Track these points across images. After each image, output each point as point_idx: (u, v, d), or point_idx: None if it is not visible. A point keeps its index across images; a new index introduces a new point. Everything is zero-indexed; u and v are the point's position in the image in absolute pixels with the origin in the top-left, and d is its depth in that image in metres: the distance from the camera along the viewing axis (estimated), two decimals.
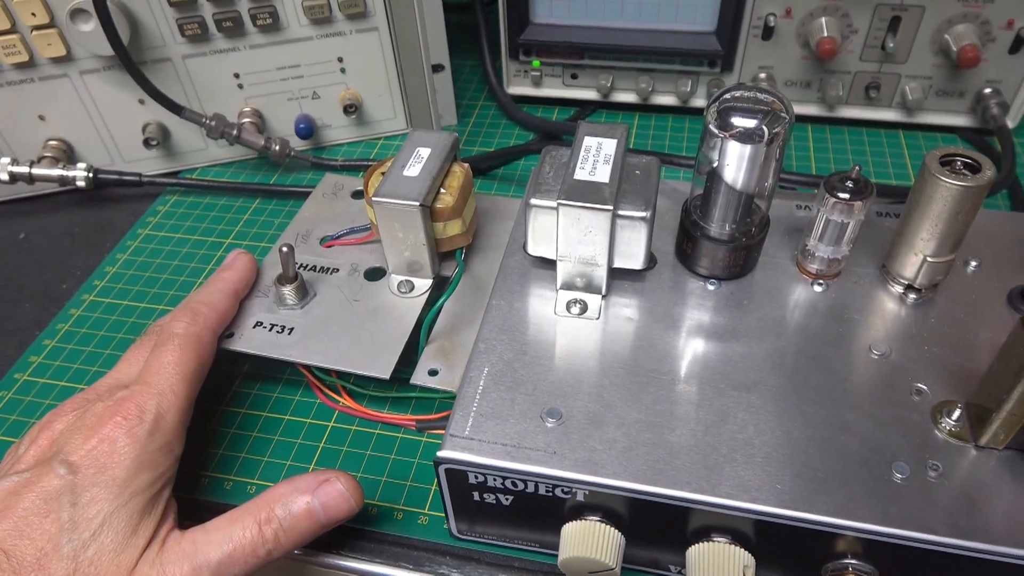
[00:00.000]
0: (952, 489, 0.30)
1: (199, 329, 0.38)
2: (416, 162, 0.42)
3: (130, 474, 0.32)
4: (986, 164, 0.34)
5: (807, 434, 0.32)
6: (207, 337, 0.39)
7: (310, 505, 0.33)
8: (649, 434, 0.32)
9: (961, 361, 0.35)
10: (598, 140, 0.39)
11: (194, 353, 0.37)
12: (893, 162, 0.59)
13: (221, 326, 0.40)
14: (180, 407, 0.35)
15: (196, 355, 0.37)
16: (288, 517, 0.33)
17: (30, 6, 0.50)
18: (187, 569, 0.31)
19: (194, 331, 0.38)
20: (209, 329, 0.39)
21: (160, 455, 0.33)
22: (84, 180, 0.56)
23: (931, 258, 0.36)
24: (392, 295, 0.43)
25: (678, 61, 0.61)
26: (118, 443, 0.32)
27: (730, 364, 0.35)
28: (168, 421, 0.34)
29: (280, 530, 0.33)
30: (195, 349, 0.37)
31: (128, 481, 0.32)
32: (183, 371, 0.36)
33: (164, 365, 0.36)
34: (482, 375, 0.35)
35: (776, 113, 0.34)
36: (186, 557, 0.32)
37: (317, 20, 0.55)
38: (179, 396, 0.35)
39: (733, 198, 0.36)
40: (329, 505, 0.34)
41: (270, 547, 0.33)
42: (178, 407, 0.35)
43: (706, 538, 0.32)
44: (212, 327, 0.39)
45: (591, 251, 0.37)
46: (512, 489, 0.33)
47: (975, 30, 0.54)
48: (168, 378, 0.35)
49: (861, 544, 0.30)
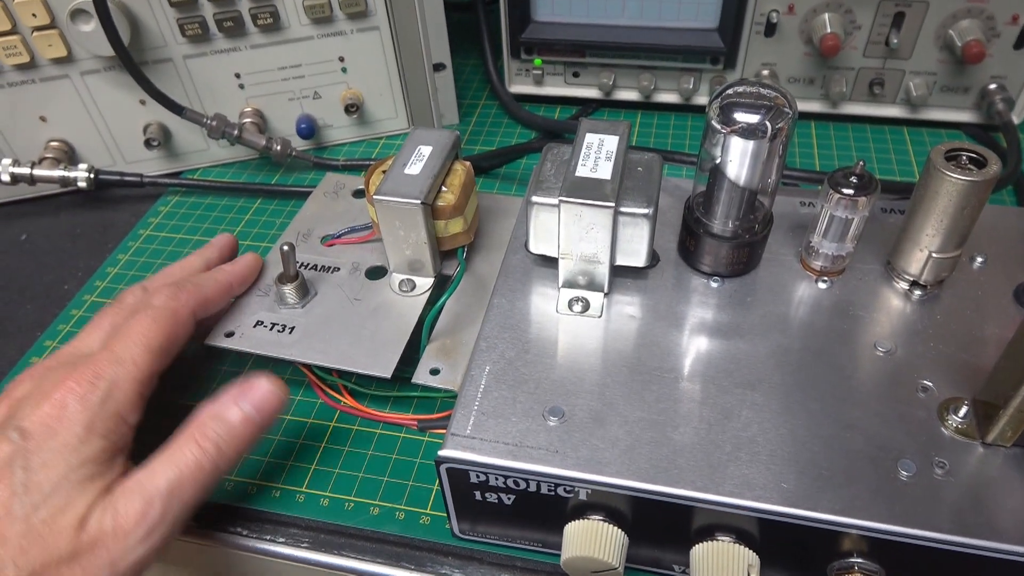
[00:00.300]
0: (959, 487, 0.30)
1: (177, 305, 0.38)
2: (417, 160, 0.42)
3: (80, 440, 0.32)
4: (992, 159, 0.34)
5: (812, 432, 0.32)
6: (183, 315, 0.38)
7: (242, 410, 0.35)
8: (652, 432, 0.32)
9: (967, 358, 0.35)
10: (599, 137, 0.39)
11: (167, 327, 0.37)
12: (897, 159, 0.59)
13: (203, 310, 0.40)
14: (138, 378, 0.35)
15: (168, 330, 0.37)
16: (224, 428, 0.34)
17: (31, 7, 0.50)
18: (139, 503, 0.32)
19: (172, 305, 0.38)
20: (187, 308, 0.38)
21: (112, 422, 0.33)
22: (85, 181, 0.56)
23: (936, 254, 0.36)
24: (393, 294, 0.43)
25: (680, 58, 0.60)
26: (68, 408, 0.32)
27: (734, 362, 0.35)
28: (123, 389, 0.34)
29: (220, 440, 0.34)
30: (168, 323, 0.37)
31: (78, 447, 0.32)
32: (150, 342, 0.36)
33: (131, 334, 0.36)
34: (484, 374, 0.35)
35: (779, 108, 0.34)
36: (135, 493, 0.32)
37: (318, 19, 0.55)
38: (140, 367, 0.35)
39: (736, 195, 0.36)
40: (260, 405, 0.35)
41: (215, 459, 0.34)
42: (136, 377, 0.35)
43: (710, 537, 0.31)
44: (191, 307, 0.39)
45: (593, 248, 0.37)
46: (514, 488, 0.32)
47: (980, 25, 0.53)
48: (131, 347, 0.35)
49: (867, 543, 0.30)
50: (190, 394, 0.44)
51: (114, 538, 0.31)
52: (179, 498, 0.33)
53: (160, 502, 0.32)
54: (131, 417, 0.34)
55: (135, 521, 0.31)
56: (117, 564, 0.31)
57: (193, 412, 0.35)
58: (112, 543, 0.31)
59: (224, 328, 0.42)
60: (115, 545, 0.31)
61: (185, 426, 0.34)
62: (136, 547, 0.31)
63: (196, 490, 0.33)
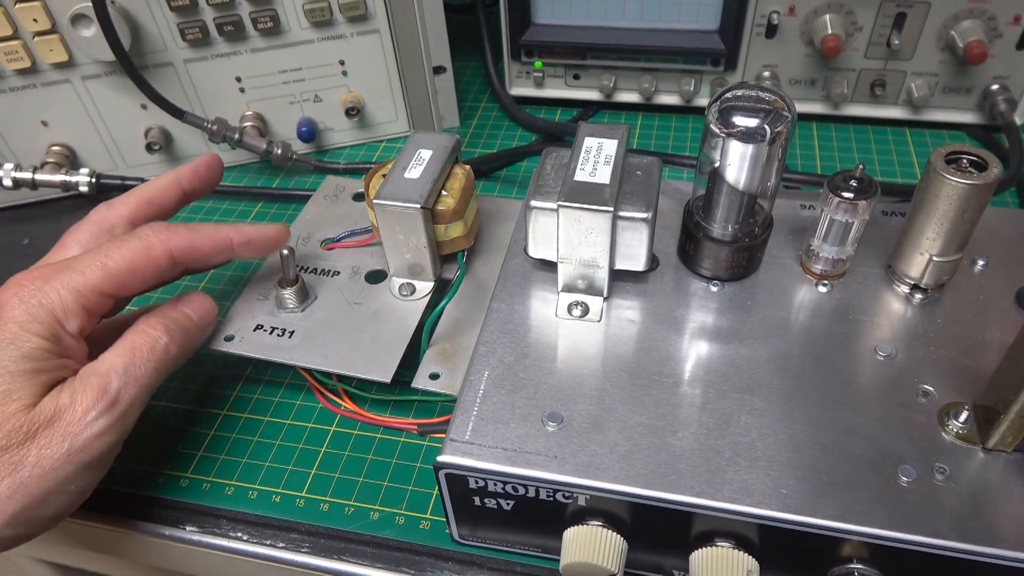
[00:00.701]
0: (959, 492, 0.30)
1: (155, 240, 0.37)
2: (417, 164, 0.42)
3: (14, 335, 0.33)
4: (992, 161, 0.34)
5: (812, 437, 0.32)
6: (158, 251, 0.37)
7: (180, 309, 0.38)
8: (651, 438, 0.32)
9: (968, 362, 0.35)
10: (598, 141, 0.39)
11: (130, 254, 0.36)
12: (899, 160, 0.58)
13: (187, 257, 0.38)
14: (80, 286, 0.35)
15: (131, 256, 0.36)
16: (167, 319, 0.37)
17: (32, 12, 0.50)
18: (95, 381, 0.33)
19: (149, 239, 0.37)
20: (164, 245, 0.37)
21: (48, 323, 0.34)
22: (87, 185, 0.56)
23: (937, 257, 0.36)
24: (393, 298, 0.43)
25: (681, 60, 0.60)
26: (7, 306, 0.34)
27: (733, 366, 0.35)
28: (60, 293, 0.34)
29: (169, 326, 0.37)
30: (135, 251, 0.36)
31: (13, 341, 0.33)
32: (106, 261, 0.36)
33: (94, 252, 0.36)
34: (483, 379, 0.35)
35: (778, 112, 0.34)
36: (91, 374, 0.34)
37: (318, 23, 0.55)
38: (86, 276, 0.35)
39: (735, 198, 0.36)
40: (195, 306, 0.39)
41: (167, 343, 0.36)
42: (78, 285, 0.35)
43: (709, 543, 0.31)
44: (170, 247, 0.37)
45: (592, 253, 0.37)
46: (513, 494, 0.32)
47: (982, 26, 0.53)
48: (85, 259, 0.36)
49: (867, 548, 0.29)
50: (187, 398, 0.44)
51: (71, 413, 0.32)
52: (134, 376, 0.34)
53: (116, 379, 0.34)
54: (70, 322, 0.35)
55: (92, 398, 0.33)
56: (75, 439, 0.32)
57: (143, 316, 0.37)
58: (69, 418, 0.32)
59: (224, 332, 0.42)
60: (72, 420, 0.32)
61: (140, 323, 0.37)
62: (94, 423, 0.32)
63: (151, 370, 0.35)
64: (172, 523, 0.39)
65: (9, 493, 0.31)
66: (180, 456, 0.41)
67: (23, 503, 0.31)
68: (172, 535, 0.39)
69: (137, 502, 0.40)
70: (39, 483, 0.31)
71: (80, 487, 0.33)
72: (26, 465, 0.31)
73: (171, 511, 0.39)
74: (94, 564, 0.50)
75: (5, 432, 0.31)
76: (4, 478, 0.31)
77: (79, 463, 0.32)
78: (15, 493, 0.31)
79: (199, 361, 0.46)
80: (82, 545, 0.43)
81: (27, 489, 0.31)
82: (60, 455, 0.32)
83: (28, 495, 0.31)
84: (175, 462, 0.41)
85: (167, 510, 0.39)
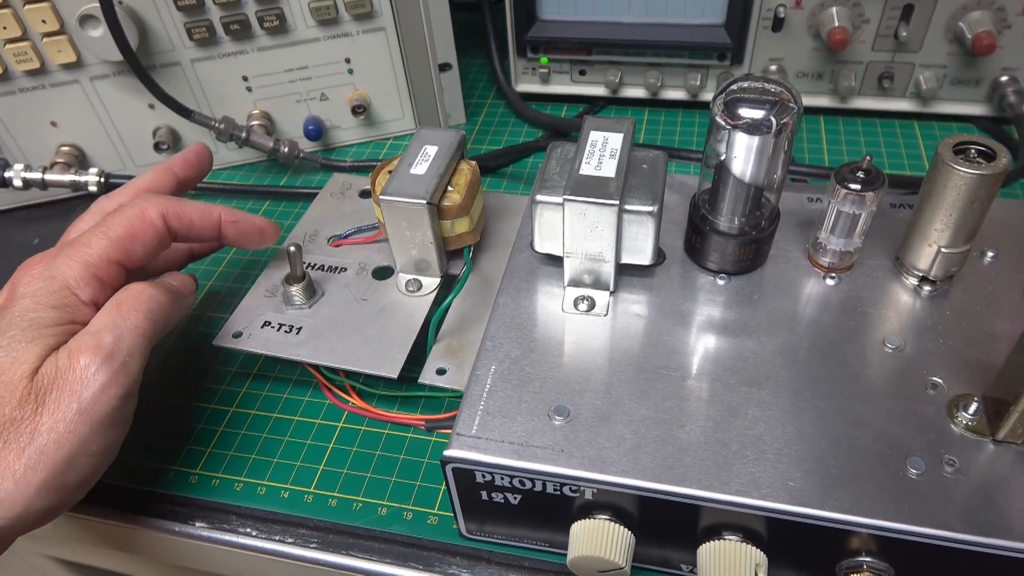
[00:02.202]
0: (969, 484, 0.29)
1: (146, 206, 0.38)
2: (423, 160, 0.42)
3: (29, 308, 0.34)
4: (1001, 151, 0.33)
5: (820, 429, 0.32)
6: (150, 215, 0.38)
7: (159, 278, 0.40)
8: (658, 431, 0.32)
9: (978, 354, 0.34)
10: (604, 134, 0.39)
11: (127, 222, 0.37)
12: (908, 153, 0.58)
13: (178, 222, 0.39)
14: (88, 257, 0.36)
15: (128, 223, 0.37)
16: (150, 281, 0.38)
17: (40, 13, 0.51)
18: (89, 340, 0.34)
19: (141, 205, 0.38)
20: (156, 209, 0.38)
21: (60, 293, 0.35)
22: (96, 185, 0.56)
23: (946, 249, 0.36)
24: (400, 294, 0.43)
25: (687, 55, 0.60)
26: (22, 283, 0.35)
27: (741, 359, 0.35)
28: (70, 265, 0.35)
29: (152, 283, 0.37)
30: (132, 219, 0.38)
31: (26, 314, 0.34)
32: (108, 231, 0.37)
33: (97, 225, 0.37)
34: (489, 373, 0.35)
35: (784, 103, 0.33)
36: (84, 333, 0.34)
37: (324, 21, 0.55)
38: (92, 248, 0.36)
39: (742, 191, 0.36)
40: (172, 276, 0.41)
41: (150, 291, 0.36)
42: (85, 257, 0.36)
43: (717, 536, 0.31)
44: (161, 210, 0.38)
45: (598, 247, 0.37)
46: (520, 488, 0.32)
47: (990, 17, 0.53)
48: (91, 233, 0.37)
49: (876, 541, 0.29)
50: (196, 395, 0.44)
51: (71, 372, 0.32)
52: (126, 327, 0.34)
53: (107, 332, 0.34)
54: (83, 291, 0.35)
55: (89, 353, 0.33)
56: (81, 396, 0.32)
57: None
58: (71, 377, 0.32)
59: (232, 329, 0.42)
60: (73, 379, 0.32)
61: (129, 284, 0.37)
62: (95, 377, 0.33)
63: (141, 318, 0.35)
64: (182, 519, 0.39)
65: (32, 463, 0.31)
66: (189, 452, 0.41)
67: (48, 470, 0.31)
68: (182, 531, 0.39)
69: (147, 498, 0.40)
70: (59, 448, 0.31)
71: (101, 447, 0.33)
72: (41, 432, 0.31)
73: (181, 507, 0.39)
74: (104, 560, 0.50)
75: (15, 402, 0.31)
76: (25, 448, 0.31)
77: (92, 421, 0.32)
78: (38, 463, 0.31)
79: (207, 358, 0.46)
80: (92, 541, 0.43)
81: (49, 456, 0.31)
82: (71, 415, 0.32)
83: (52, 462, 0.31)
84: (185, 458, 0.41)
85: (177, 506, 0.39)
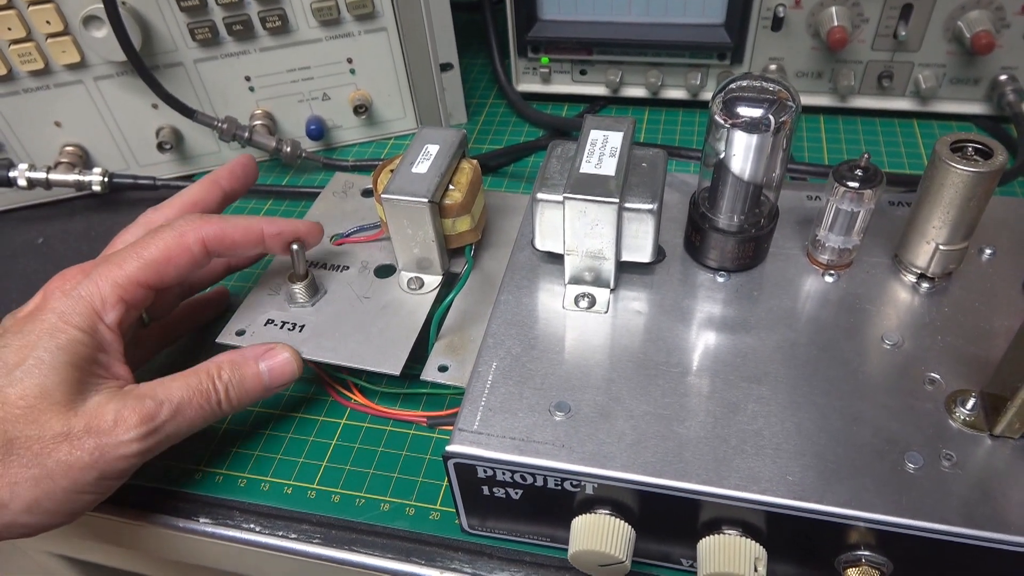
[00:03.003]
0: (967, 479, 0.30)
1: (186, 228, 0.38)
2: (425, 159, 0.42)
3: (54, 327, 0.34)
4: (998, 149, 0.34)
5: (818, 425, 0.32)
6: (189, 239, 0.38)
7: (259, 369, 0.38)
8: (658, 426, 0.32)
9: (975, 350, 0.35)
10: (604, 133, 0.39)
11: (163, 244, 0.37)
12: (907, 152, 0.58)
13: (219, 244, 0.39)
14: (118, 278, 0.36)
15: (164, 246, 0.37)
16: (237, 375, 0.37)
17: (45, 14, 0.51)
18: (150, 404, 0.34)
19: (181, 227, 0.38)
20: (195, 233, 0.38)
21: (85, 314, 0.35)
22: (100, 185, 0.56)
23: (943, 246, 0.36)
24: (402, 292, 0.44)
25: (687, 54, 0.60)
26: (50, 299, 0.36)
27: (740, 356, 0.35)
28: (99, 285, 0.36)
29: (230, 385, 0.37)
30: (168, 241, 0.37)
31: (52, 332, 0.34)
32: (141, 252, 0.37)
33: (131, 246, 0.37)
34: (491, 370, 0.35)
35: (782, 102, 0.34)
36: (147, 396, 0.35)
37: (326, 22, 0.56)
38: (123, 269, 0.36)
39: (741, 189, 0.36)
40: (275, 369, 0.39)
41: (220, 398, 0.37)
42: (115, 277, 0.36)
43: (717, 531, 0.31)
44: (201, 235, 0.38)
45: (598, 244, 0.37)
46: (521, 483, 0.33)
47: (989, 16, 0.53)
48: (123, 253, 0.37)
49: (874, 535, 0.30)
50: None
51: (112, 432, 0.33)
52: (182, 415, 0.35)
53: (168, 410, 0.35)
54: (108, 315, 0.36)
55: (140, 418, 0.34)
56: (106, 452, 0.33)
57: (217, 360, 0.38)
58: (107, 434, 0.33)
59: (235, 327, 0.42)
60: (110, 439, 0.33)
61: (205, 362, 0.37)
62: (129, 444, 0.33)
63: (197, 417, 0.36)
64: (186, 515, 0.39)
65: (34, 480, 0.32)
66: (193, 449, 0.42)
67: (44, 492, 0.32)
68: (186, 527, 0.39)
69: (151, 495, 0.40)
70: (62, 478, 0.32)
71: (96, 494, 0.34)
72: (53, 458, 0.32)
73: (185, 503, 0.40)
74: (108, 557, 0.51)
75: (42, 423, 0.32)
76: (33, 465, 0.32)
77: (101, 473, 0.33)
78: (39, 481, 0.32)
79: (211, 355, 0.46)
80: (95, 538, 0.44)
81: (50, 481, 0.32)
82: (88, 463, 0.33)
83: (50, 486, 0.32)
84: (189, 455, 0.41)
85: (181, 502, 0.40)
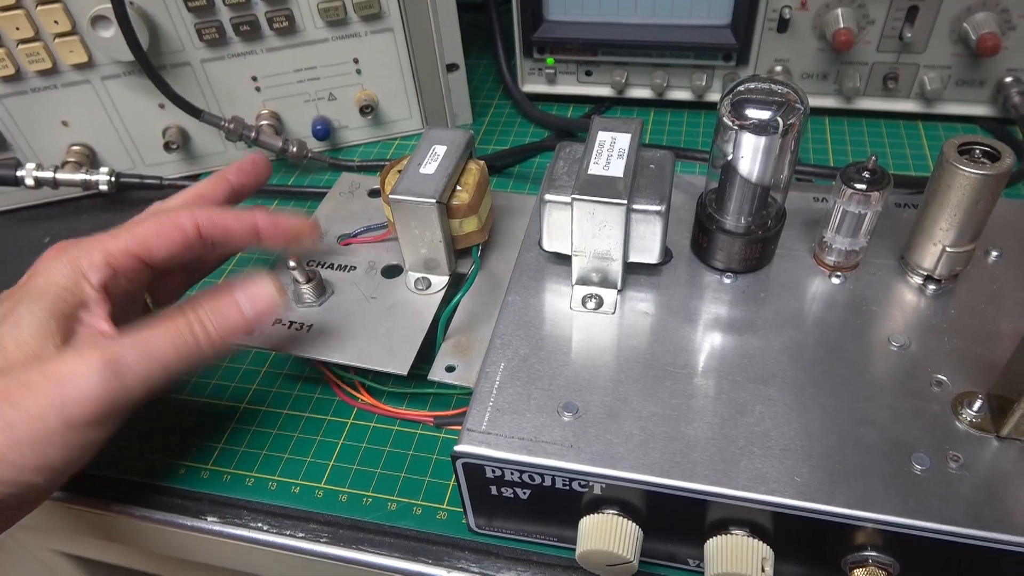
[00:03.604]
0: (974, 480, 0.30)
1: (181, 212, 0.39)
2: (432, 160, 0.42)
3: (42, 288, 0.35)
4: (1005, 151, 0.34)
5: (826, 426, 0.32)
6: (184, 221, 0.38)
7: (235, 296, 0.37)
8: (666, 427, 0.32)
9: (982, 352, 0.35)
10: (612, 135, 0.39)
11: (157, 224, 0.38)
12: (912, 154, 0.58)
13: (213, 228, 0.39)
14: (108, 246, 0.37)
15: (158, 225, 0.38)
16: (219, 319, 0.36)
17: (53, 14, 0.51)
18: (113, 346, 0.34)
19: (176, 210, 0.39)
20: (190, 216, 0.39)
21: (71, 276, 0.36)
22: (107, 184, 0.57)
23: (950, 248, 0.36)
24: (409, 292, 0.44)
25: (693, 55, 0.60)
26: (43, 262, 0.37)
27: (747, 357, 0.35)
28: (88, 251, 0.36)
29: (210, 325, 0.36)
30: (163, 223, 0.38)
31: (43, 290, 0.35)
32: (135, 227, 0.38)
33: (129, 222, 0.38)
34: (498, 370, 0.35)
35: (791, 104, 0.34)
36: (115, 337, 0.35)
37: (332, 22, 0.56)
38: (116, 238, 0.37)
39: (748, 191, 0.36)
40: (254, 296, 0.37)
41: (197, 331, 0.35)
42: (105, 245, 0.37)
43: (724, 531, 0.32)
44: (196, 218, 0.39)
45: (606, 246, 0.37)
46: (529, 483, 0.33)
47: (994, 18, 0.53)
48: (119, 228, 0.38)
49: (881, 536, 0.30)
50: (207, 392, 0.45)
51: (73, 371, 0.32)
52: (152, 354, 0.34)
53: (134, 349, 0.34)
54: (92, 275, 0.36)
55: (101, 360, 0.33)
56: (67, 396, 0.32)
57: (192, 297, 0.37)
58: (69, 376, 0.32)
59: None
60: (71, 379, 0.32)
61: (184, 304, 0.36)
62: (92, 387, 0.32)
63: (171, 354, 0.35)
64: (193, 514, 0.40)
65: None
66: (201, 448, 0.42)
67: (6, 441, 0.31)
68: (193, 525, 0.39)
69: (159, 493, 0.40)
70: (23, 426, 0.31)
71: (64, 448, 0.32)
72: (13, 406, 0.31)
73: (192, 502, 0.40)
74: (114, 555, 0.51)
75: (13, 375, 0.32)
76: None
77: (65, 420, 0.32)
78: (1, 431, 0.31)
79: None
80: (102, 536, 0.44)
81: (10, 431, 0.31)
82: (45, 406, 0.31)
83: (11, 436, 0.31)
84: (196, 454, 0.42)
85: (188, 501, 0.40)
